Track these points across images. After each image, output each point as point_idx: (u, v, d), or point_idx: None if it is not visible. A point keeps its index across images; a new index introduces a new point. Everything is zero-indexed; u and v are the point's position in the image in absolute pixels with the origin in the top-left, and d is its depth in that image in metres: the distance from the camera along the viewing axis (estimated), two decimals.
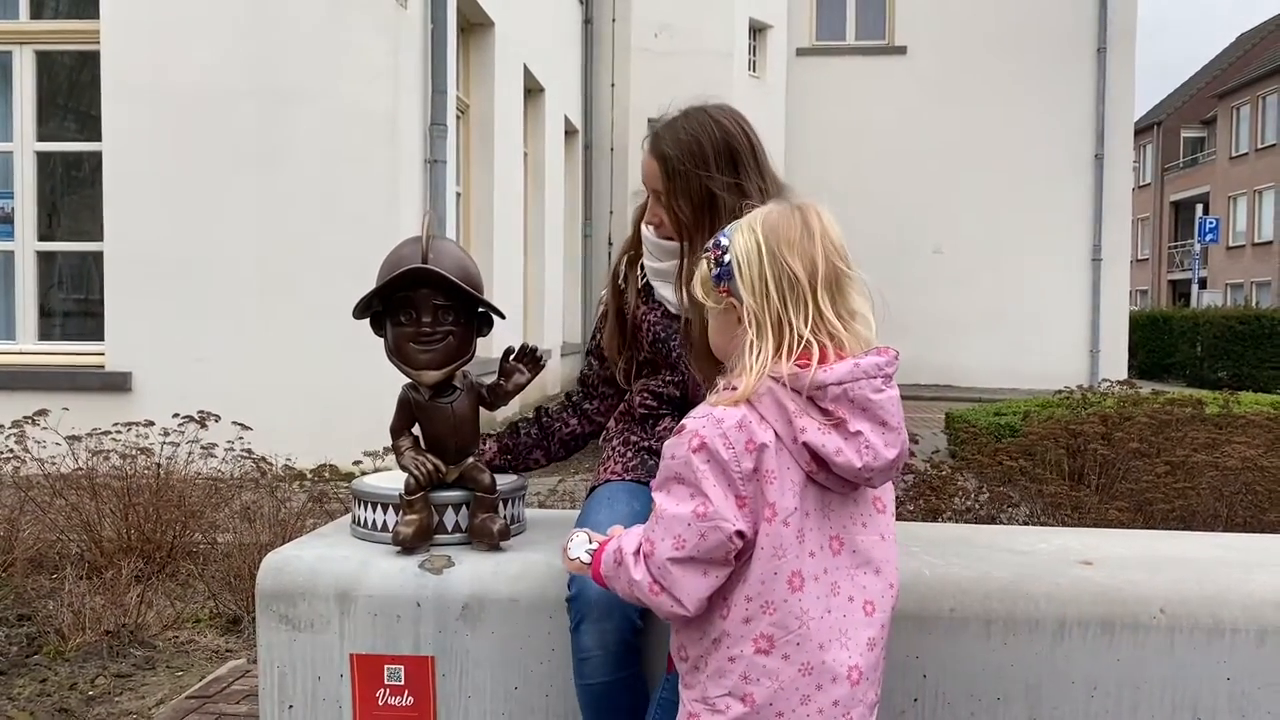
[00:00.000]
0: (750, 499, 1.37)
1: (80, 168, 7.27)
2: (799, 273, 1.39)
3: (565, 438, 2.29)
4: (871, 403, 1.38)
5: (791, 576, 1.39)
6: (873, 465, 1.38)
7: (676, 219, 2.00)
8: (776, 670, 1.39)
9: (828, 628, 1.40)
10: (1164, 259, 42.10)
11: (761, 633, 1.39)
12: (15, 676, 3.26)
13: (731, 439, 1.37)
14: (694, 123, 2.01)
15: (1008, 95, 16.42)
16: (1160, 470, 4.00)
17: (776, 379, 1.37)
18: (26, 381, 6.51)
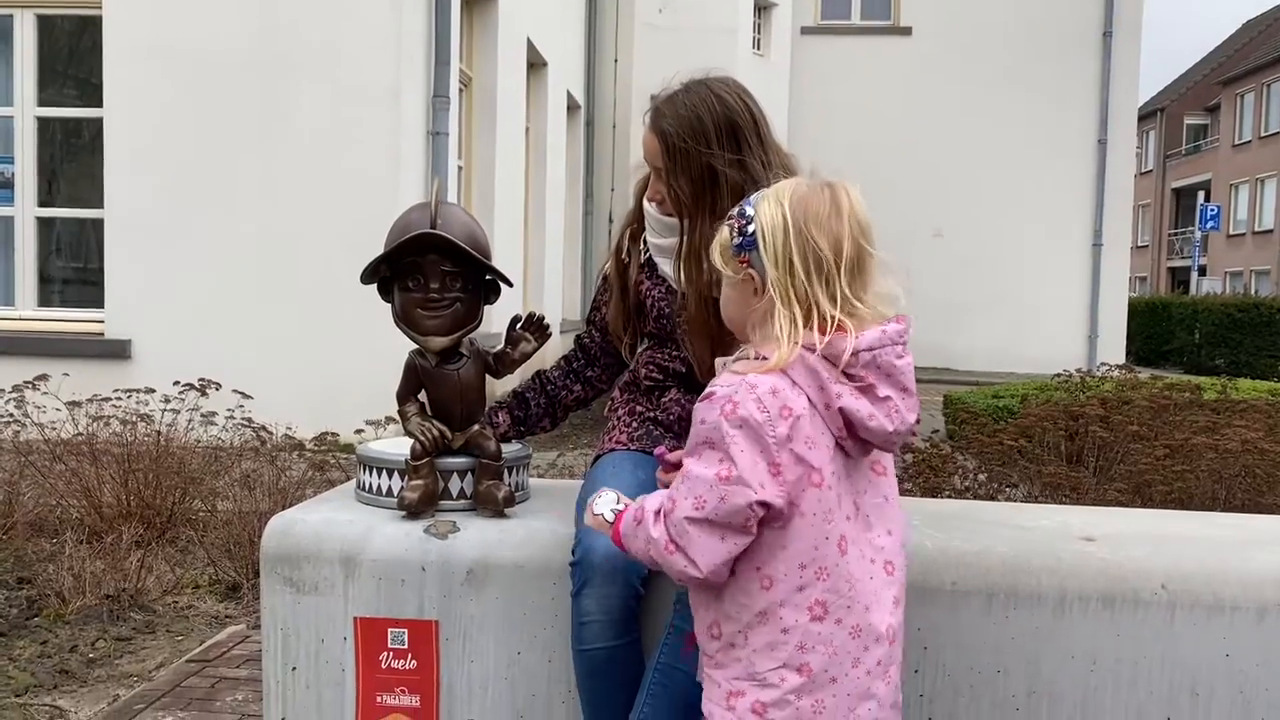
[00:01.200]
0: (785, 466, 1.37)
1: (80, 134, 7.23)
2: (825, 250, 1.40)
3: (569, 404, 2.29)
4: (896, 368, 1.41)
5: (840, 540, 1.41)
6: (901, 429, 1.42)
7: (676, 197, 1.98)
8: (830, 635, 1.41)
9: (869, 590, 1.43)
10: (1164, 246, 42.08)
11: (816, 599, 1.40)
12: (16, 638, 3.27)
13: (767, 404, 1.37)
14: (695, 97, 1.98)
15: (1012, 78, 16.36)
16: (1159, 453, 4.01)
17: (808, 347, 1.39)
18: (26, 347, 6.50)
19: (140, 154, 6.57)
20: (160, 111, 6.55)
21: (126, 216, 6.60)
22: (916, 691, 1.90)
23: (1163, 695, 1.89)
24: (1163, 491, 3.70)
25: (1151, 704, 1.89)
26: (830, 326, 1.39)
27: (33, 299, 7.06)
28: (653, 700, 1.75)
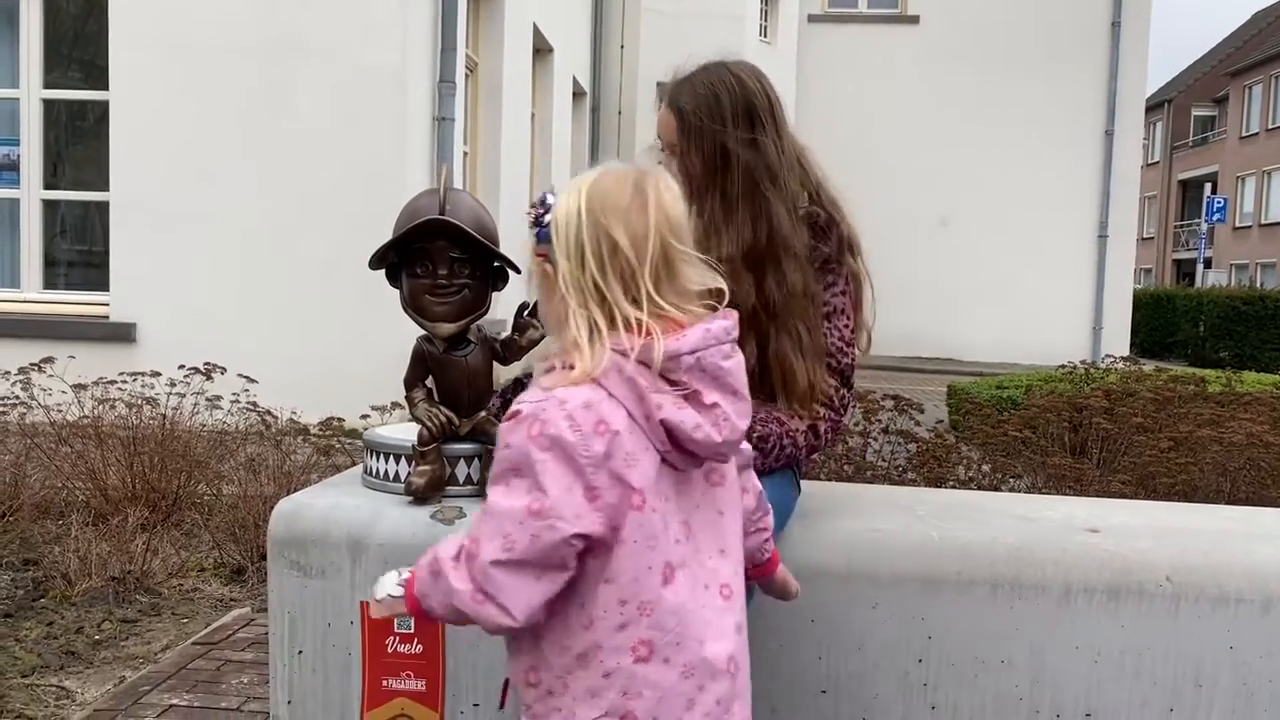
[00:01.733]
0: (603, 489, 1.21)
1: (85, 117, 7.22)
2: (623, 244, 1.25)
3: None
4: (723, 370, 1.26)
5: (665, 568, 1.24)
6: (731, 438, 1.26)
7: (687, 174, 1.95)
8: (659, 679, 1.24)
9: (703, 621, 1.27)
10: (1170, 237, 41.96)
11: (640, 639, 1.23)
12: (22, 619, 3.29)
13: (579, 420, 1.21)
14: (713, 76, 1.98)
15: (1019, 68, 16.30)
16: (1163, 445, 4.01)
17: (622, 353, 1.23)
18: (31, 330, 6.51)
19: (145, 137, 6.57)
20: (165, 95, 6.54)
21: (132, 199, 6.60)
22: (920, 680, 1.91)
23: (1167, 686, 1.89)
24: (1167, 484, 3.70)
25: (1155, 695, 1.89)
26: (639, 330, 1.23)
27: (38, 281, 7.07)
28: None
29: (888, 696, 1.92)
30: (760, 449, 1.90)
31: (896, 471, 3.97)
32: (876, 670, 1.92)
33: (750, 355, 1.90)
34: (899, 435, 4.15)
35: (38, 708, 2.71)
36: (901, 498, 2.28)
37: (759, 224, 1.93)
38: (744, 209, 1.93)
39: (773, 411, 1.97)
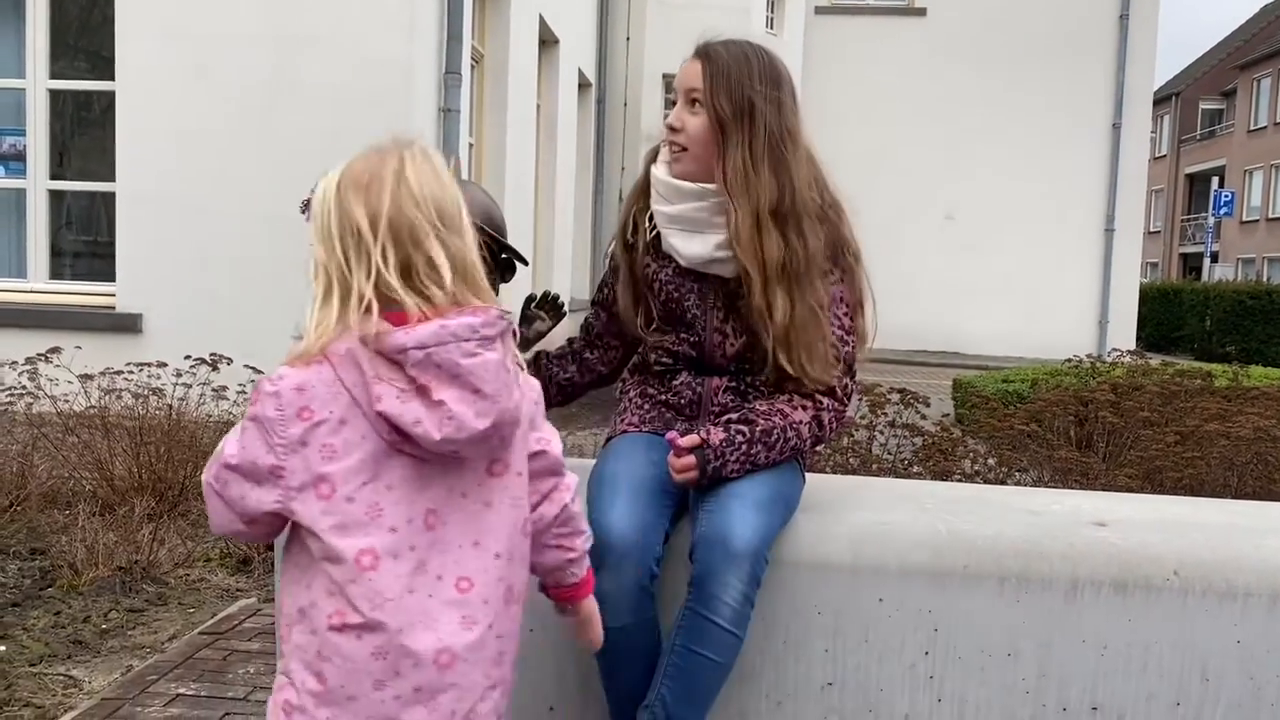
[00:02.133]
0: (290, 472, 1.24)
1: (90, 108, 7.22)
2: (360, 220, 1.24)
3: (562, 383, 2.27)
4: (461, 368, 1.22)
5: (360, 555, 1.24)
6: (455, 437, 1.23)
7: (716, 116, 1.93)
8: (350, 651, 1.25)
9: (408, 609, 1.26)
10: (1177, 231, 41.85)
11: (337, 609, 1.26)
12: (29, 608, 3.30)
13: (284, 401, 1.24)
14: (742, 42, 2.00)
15: (1026, 61, 16.25)
16: (1170, 439, 4.01)
17: (363, 339, 1.23)
18: (38, 320, 6.52)
19: (152, 128, 6.57)
20: (172, 85, 6.54)
21: (138, 190, 6.60)
22: (926, 673, 1.91)
23: (1173, 680, 1.89)
24: (1174, 478, 3.70)
25: (1162, 689, 1.89)
26: (364, 306, 1.23)
27: (44, 272, 7.08)
28: (669, 681, 1.77)
29: (894, 689, 1.92)
30: (765, 442, 1.90)
31: (902, 465, 3.97)
32: (882, 663, 1.92)
33: (782, 311, 1.90)
34: (905, 429, 4.15)
35: (45, 696, 2.72)
36: (908, 491, 2.28)
37: (783, 181, 1.94)
38: (768, 164, 1.94)
39: (776, 404, 1.97)
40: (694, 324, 2.04)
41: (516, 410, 1.29)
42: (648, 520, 1.82)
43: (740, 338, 2.02)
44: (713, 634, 1.75)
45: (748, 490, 1.85)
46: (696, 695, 1.78)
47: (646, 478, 1.90)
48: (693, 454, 1.86)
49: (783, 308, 1.91)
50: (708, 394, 2.05)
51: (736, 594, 1.75)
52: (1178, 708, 1.90)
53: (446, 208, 1.28)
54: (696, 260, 2.00)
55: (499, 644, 1.33)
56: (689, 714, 1.78)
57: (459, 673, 1.28)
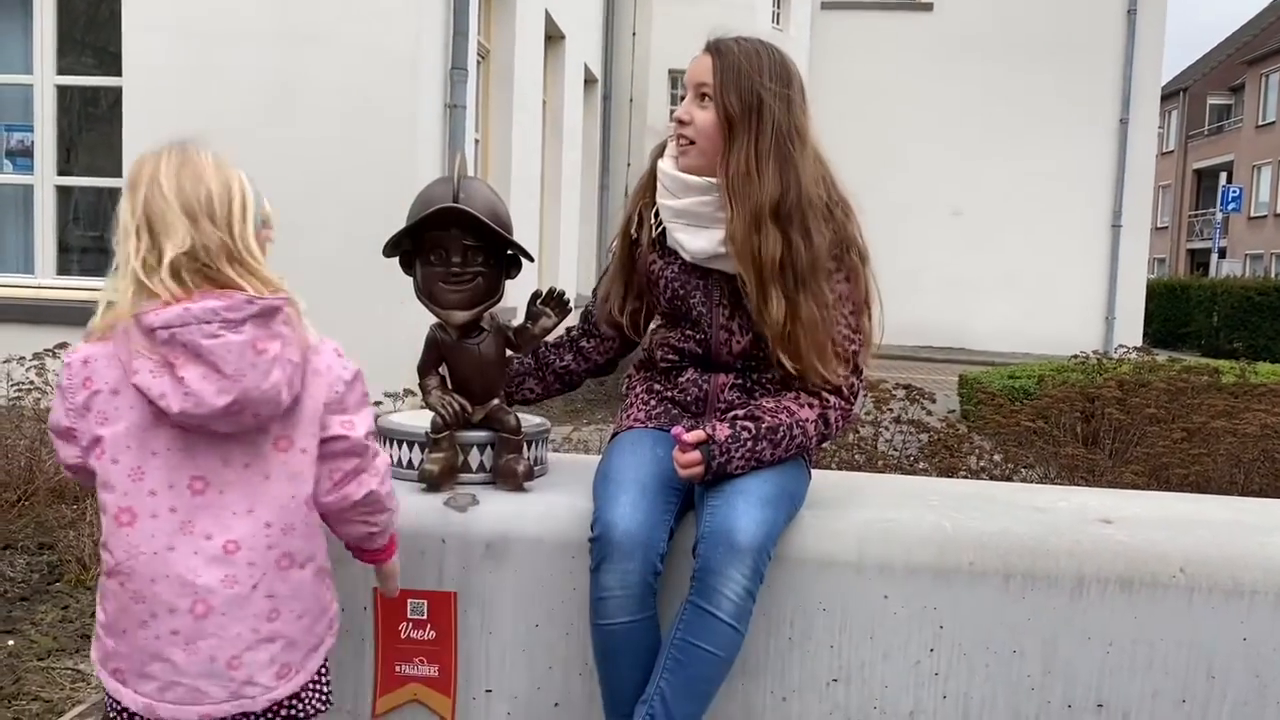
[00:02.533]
0: (80, 433, 1.43)
1: (98, 103, 7.23)
2: (125, 217, 1.45)
3: (559, 370, 2.28)
4: (203, 349, 1.36)
5: (119, 513, 1.43)
6: (194, 412, 1.37)
7: (725, 113, 1.94)
8: (116, 593, 1.46)
9: (165, 563, 1.42)
10: (1184, 227, 41.70)
11: (109, 554, 1.46)
12: (38, 603, 3.32)
13: (74, 372, 1.43)
14: (754, 39, 2.01)
15: (1034, 57, 16.20)
16: (1176, 436, 4.00)
17: (136, 318, 1.39)
18: (45, 316, 6.54)
19: (159, 123, 6.57)
20: (178, 81, 6.55)
21: None
22: (932, 670, 1.92)
23: (1179, 678, 1.89)
24: (1180, 475, 3.69)
25: (1168, 686, 1.89)
26: (139, 296, 1.40)
27: (52, 267, 7.10)
28: (669, 675, 1.77)
29: (899, 686, 1.92)
30: (770, 439, 1.90)
31: (908, 461, 3.97)
32: (888, 659, 1.92)
33: (780, 311, 1.90)
34: (910, 425, 4.15)
35: (54, 690, 2.74)
36: (914, 487, 2.28)
37: (787, 179, 1.93)
38: (773, 162, 1.93)
39: (782, 401, 1.97)
40: (699, 321, 2.05)
41: (271, 390, 1.40)
42: (653, 516, 1.82)
43: (746, 335, 2.02)
44: (714, 627, 1.75)
45: (753, 486, 1.85)
46: (695, 689, 1.78)
47: (652, 473, 1.90)
48: (698, 450, 1.86)
49: (780, 307, 1.90)
50: (713, 390, 2.05)
51: (739, 588, 1.75)
52: (1183, 705, 1.90)
53: (204, 203, 1.45)
54: (701, 255, 2.00)
55: (270, 603, 1.47)
56: (687, 707, 1.78)
57: (216, 624, 1.44)
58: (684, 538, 1.88)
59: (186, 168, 1.48)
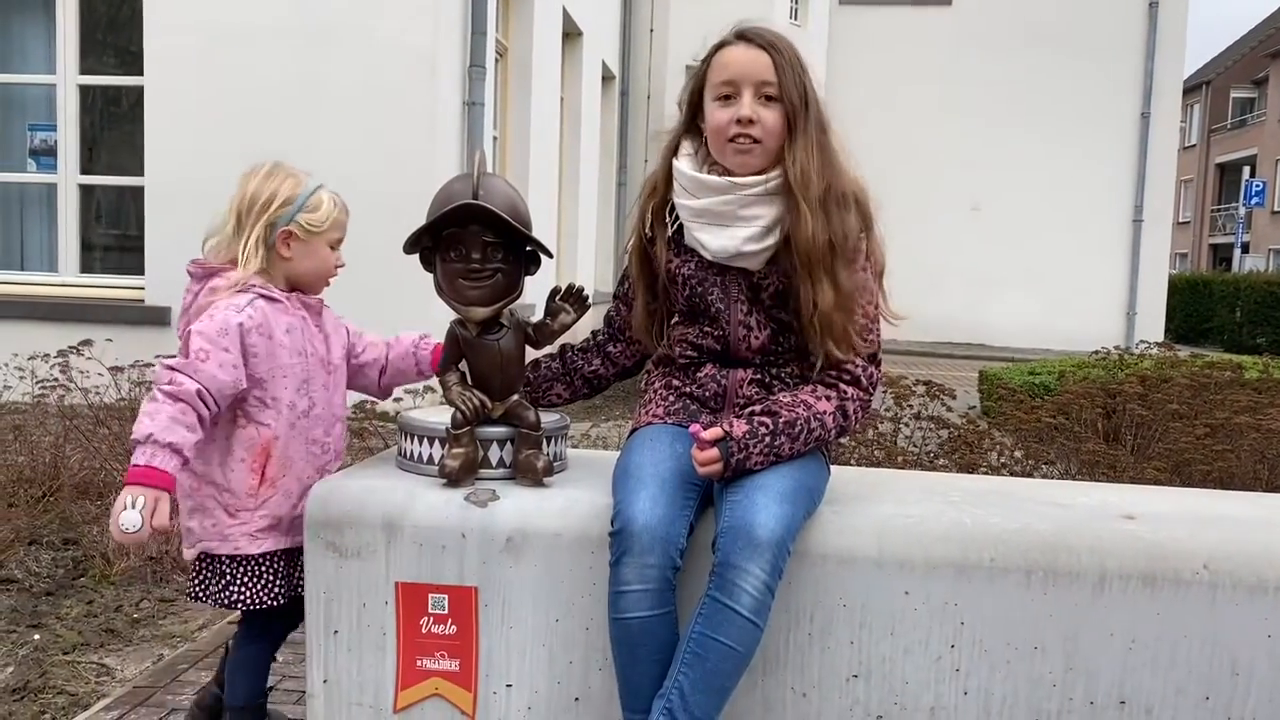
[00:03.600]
0: None
1: (119, 103, 7.30)
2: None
3: (588, 375, 2.30)
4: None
5: None
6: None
7: (792, 109, 1.95)
8: None
9: None
10: (1207, 222, 41.30)
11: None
12: (63, 598, 3.35)
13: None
14: (776, 29, 2.01)
15: (1054, 50, 16.08)
16: (1199, 432, 3.96)
17: None
18: (68, 313, 6.61)
19: (180, 122, 6.63)
20: (199, 79, 6.60)
21: (166, 184, 6.67)
22: (953, 666, 1.91)
23: (1202, 675, 1.88)
24: (1203, 471, 3.66)
25: (1191, 683, 1.88)
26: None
27: (75, 265, 7.17)
28: (687, 670, 1.77)
29: (919, 682, 1.92)
30: (788, 434, 1.90)
31: (928, 457, 3.95)
32: (908, 655, 1.91)
33: (825, 294, 1.91)
34: (930, 421, 4.13)
35: (79, 684, 2.76)
36: (934, 483, 2.27)
37: (829, 169, 1.97)
38: (819, 154, 1.96)
39: (799, 395, 1.97)
40: (718, 318, 2.04)
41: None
42: (672, 512, 1.82)
43: (765, 330, 2.02)
44: (733, 622, 1.75)
45: (772, 481, 1.85)
46: (714, 684, 1.78)
47: (671, 469, 1.90)
48: (716, 447, 1.86)
49: (829, 296, 1.93)
50: (732, 386, 2.05)
51: (758, 583, 1.75)
52: (1206, 702, 1.89)
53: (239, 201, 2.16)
54: (723, 254, 2.00)
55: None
56: (705, 702, 1.78)
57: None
58: (704, 532, 1.88)
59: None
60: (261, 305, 2.02)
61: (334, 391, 2.16)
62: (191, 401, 1.89)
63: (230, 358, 1.95)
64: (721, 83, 1.99)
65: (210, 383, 1.92)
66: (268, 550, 2.06)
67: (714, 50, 2.03)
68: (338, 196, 2.18)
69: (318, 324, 2.15)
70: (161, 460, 1.84)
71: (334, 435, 2.17)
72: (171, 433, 1.85)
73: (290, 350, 2.05)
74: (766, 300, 2.01)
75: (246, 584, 2.06)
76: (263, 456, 2.03)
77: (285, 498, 2.06)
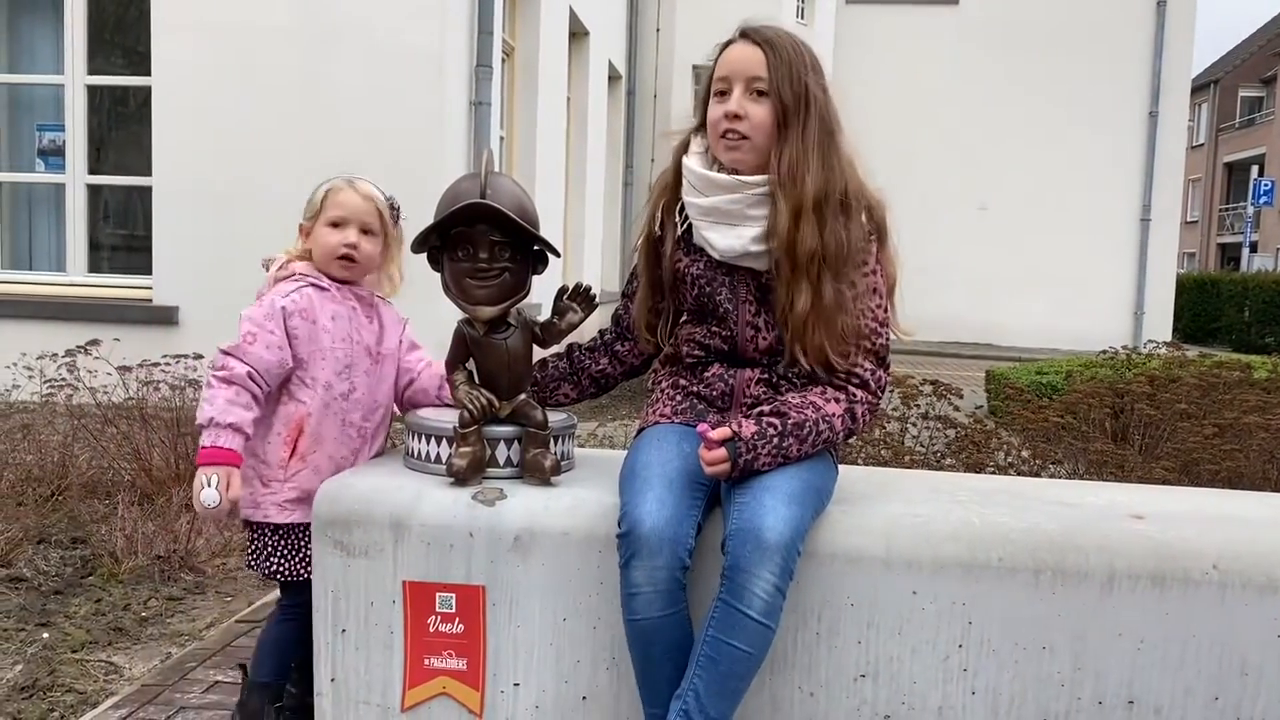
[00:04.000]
0: None
1: (127, 103, 7.31)
2: None
3: (595, 375, 2.30)
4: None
5: None
6: None
7: (781, 105, 1.93)
8: None
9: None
10: (1215, 221, 41.17)
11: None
12: (71, 596, 3.36)
13: None
14: (782, 28, 2.00)
15: (1061, 49, 16.04)
16: (1208, 432, 3.95)
17: None
18: (76, 313, 6.62)
19: (187, 122, 6.64)
20: (206, 79, 6.61)
21: (174, 184, 6.68)
22: (960, 666, 1.90)
23: (1211, 675, 1.87)
24: (1211, 471, 3.65)
25: (1200, 684, 1.87)
26: None
27: (83, 265, 7.18)
28: (701, 672, 1.77)
29: (927, 681, 1.91)
30: (797, 435, 1.90)
31: (935, 457, 3.95)
32: (916, 655, 1.91)
33: (804, 304, 1.90)
34: (937, 420, 4.13)
35: (88, 682, 2.77)
36: (942, 483, 2.27)
37: (830, 171, 1.95)
38: (818, 154, 1.94)
39: (808, 396, 1.97)
40: (726, 317, 2.04)
41: None
42: (680, 512, 1.82)
43: (772, 331, 2.02)
44: (744, 625, 1.75)
45: (780, 482, 1.85)
46: (728, 686, 1.78)
47: (678, 469, 1.90)
48: (724, 447, 1.86)
49: (806, 300, 1.91)
50: (739, 386, 2.05)
51: (768, 586, 1.75)
52: (1216, 702, 1.88)
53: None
54: (730, 253, 1.99)
55: None
56: (720, 704, 1.78)
57: None
58: (712, 532, 1.88)
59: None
60: (309, 292, 2.13)
61: (380, 380, 2.21)
62: (243, 383, 2.02)
63: (275, 339, 2.06)
64: (719, 78, 2.00)
65: (258, 363, 2.04)
66: (297, 522, 2.12)
67: (720, 49, 2.03)
68: (342, 180, 2.25)
69: (368, 314, 2.21)
70: (225, 440, 1.98)
71: (373, 421, 2.20)
72: (230, 414, 1.99)
73: (334, 335, 2.12)
74: (773, 300, 2.00)
75: (284, 554, 2.14)
76: (295, 431, 2.10)
77: (314, 473, 2.11)
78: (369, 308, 2.22)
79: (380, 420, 2.24)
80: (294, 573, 2.14)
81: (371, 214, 2.20)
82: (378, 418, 2.23)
